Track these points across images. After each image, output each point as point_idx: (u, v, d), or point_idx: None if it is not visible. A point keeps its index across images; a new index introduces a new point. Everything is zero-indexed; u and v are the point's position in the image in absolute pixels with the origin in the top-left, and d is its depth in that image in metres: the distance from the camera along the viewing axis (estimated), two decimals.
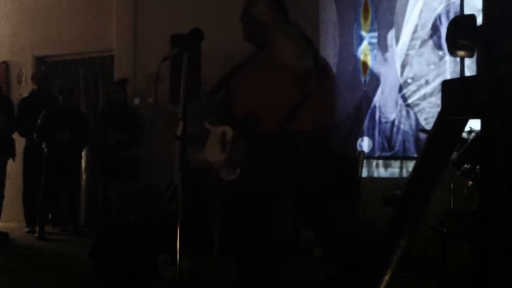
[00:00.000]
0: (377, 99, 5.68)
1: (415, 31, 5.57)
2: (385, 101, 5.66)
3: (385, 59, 5.68)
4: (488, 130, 1.26)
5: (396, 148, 5.61)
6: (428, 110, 5.48)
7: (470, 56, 1.40)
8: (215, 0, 6.40)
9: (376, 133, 5.67)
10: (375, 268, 1.36)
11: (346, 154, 5.68)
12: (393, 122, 5.61)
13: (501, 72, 1.24)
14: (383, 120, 5.64)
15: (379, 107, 5.67)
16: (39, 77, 6.83)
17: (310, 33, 5.92)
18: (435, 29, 5.47)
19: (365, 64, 5.76)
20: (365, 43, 5.76)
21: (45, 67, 7.59)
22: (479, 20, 1.35)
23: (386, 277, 1.32)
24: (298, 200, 2.64)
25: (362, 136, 5.74)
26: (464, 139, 3.96)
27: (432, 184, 1.34)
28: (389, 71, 5.65)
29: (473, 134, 4.04)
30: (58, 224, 6.78)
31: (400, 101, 5.59)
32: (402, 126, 5.56)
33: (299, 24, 2.74)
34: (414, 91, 5.55)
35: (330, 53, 5.91)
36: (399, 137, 5.58)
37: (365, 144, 5.71)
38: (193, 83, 3.61)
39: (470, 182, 3.79)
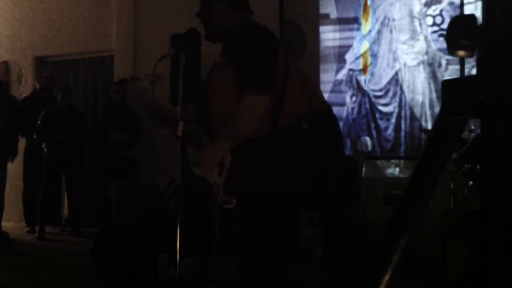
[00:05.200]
0: (377, 98, 5.68)
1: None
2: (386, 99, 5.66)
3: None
4: (488, 130, 1.26)
5: (396, 148, 5.61)
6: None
7: (470, 56, 1.40)
8: None
9: (376, 133, 5.66)
10: (375, 268, 1.36)
11: (346, 154, 5.69)
12: (393, 121, 5.61)
13: (501, 72, 1.24)
14: (382, 119, 5.64)
15: (379, 105, 5.66)
16: (45, 76, 6.89)
17: (310, 33, 5.94)
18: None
19: (365, 64, 5.76)
20: (365, 43, 5.76)
21: (49, 68, 7.58)
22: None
23: (386, 277, 1.32)
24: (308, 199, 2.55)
25: (362, 136, 5.74)
26: (464, 139, 3.96)
27: (432, 184, 1.34)
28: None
29: (473, 134, 4.04)
30: (58, 224, 6.78)
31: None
32: (402, 125, 5.57)
33: (298, 24, 2.70)
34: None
35: (330, 53, 5.91)
36: (399, 137, 5.58)
37: (365, 144, 5.71)
38: (192, 84, 3.61)
39: (470, 182, 3.79)
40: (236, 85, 2.22)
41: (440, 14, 5.45)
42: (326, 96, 5.91)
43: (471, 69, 5.29)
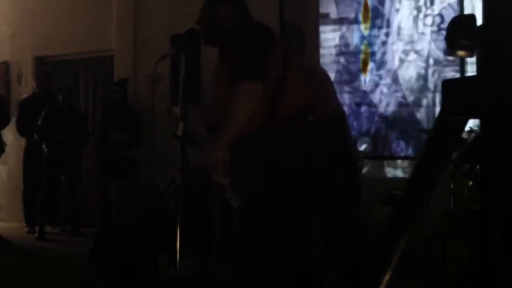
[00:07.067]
0: (377, 98, 5.69)
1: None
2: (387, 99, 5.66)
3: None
4: (488, 130, 1.26)
5: (396, 148, 5.61)
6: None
7: (470, 56, 1.40)
8: None
9: (377, 133, 5.66)
10: (375, 268, 1.36)
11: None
12: (391, 120, 5.61)
13: (501, 72, 1.24)
14: (382, 119, 5.64)
15: (379, 106, 5.67)
16: (38, 77, 6.89)
17: (310, 34, 5.94)
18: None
19: (365, 64, 5.76)
20: (365, 43, 5.76)
21: (48, 67, 7.57)
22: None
23: (386, 277, 1.32)
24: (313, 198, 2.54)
25: (362, 136, 5.73)
26: (464, 139, 3.96)
27: (432, 184, 1.34)
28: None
29: (473, 134, 4.03)
30: (58, 224, 6.78)
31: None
32: (402, 125, 5.57)
33: (298, 24, 2.69)
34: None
35: (330, 53, 5.91)
36: (399, 137, 5.58)
37: (365, 144, 5.71)
38: (192, 83, 3.61)
39: (470, 182, 3.79)
40: (230, 81, 2.25)
41: (440, 14, 5.45)
42: None
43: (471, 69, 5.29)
